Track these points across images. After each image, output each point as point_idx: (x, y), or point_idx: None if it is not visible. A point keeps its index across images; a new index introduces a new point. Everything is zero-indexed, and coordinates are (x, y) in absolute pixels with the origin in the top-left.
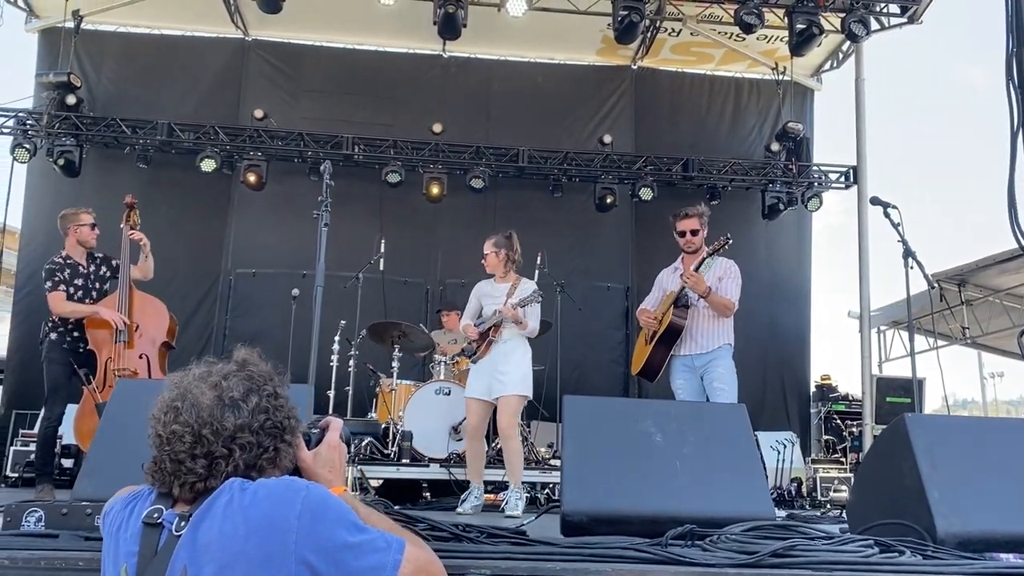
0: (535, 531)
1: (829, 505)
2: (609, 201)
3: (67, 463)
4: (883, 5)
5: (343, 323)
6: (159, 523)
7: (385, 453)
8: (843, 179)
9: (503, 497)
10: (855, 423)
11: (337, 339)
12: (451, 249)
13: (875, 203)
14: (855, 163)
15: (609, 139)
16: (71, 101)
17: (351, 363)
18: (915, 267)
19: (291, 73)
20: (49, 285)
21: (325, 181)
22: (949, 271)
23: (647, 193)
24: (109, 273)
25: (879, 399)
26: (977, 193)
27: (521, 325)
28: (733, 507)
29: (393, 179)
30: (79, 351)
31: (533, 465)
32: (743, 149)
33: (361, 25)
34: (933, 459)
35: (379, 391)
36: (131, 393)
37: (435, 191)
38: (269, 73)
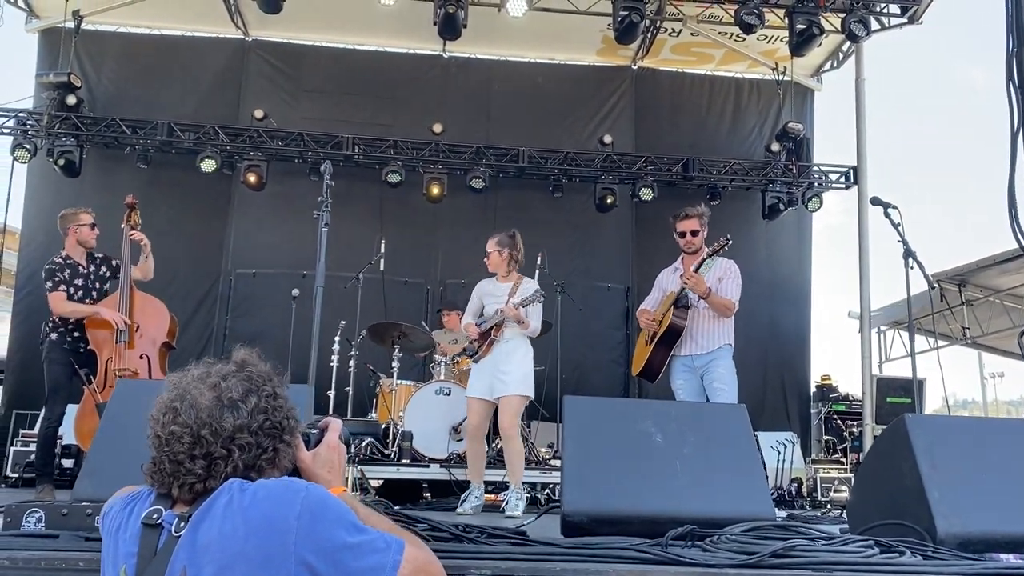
0: (535, 531)
1: (829, 505)
2: (609, 201)
3: (67, 463)
4: (883, 5)
5: (343, 323)
6: (158, 524)
7: (385, 453)
8: (843, 179)
9: (503, 497)
10: (855, 423)
11: (337, 339)
12: (451, 249)
13: (875, 203)
14: (855, 163)
15: (609, 139)
16: (71, 101)
17: (351, 363)
18: (915, 267)
19: (291, 73)
20: (49, 285)
21: (325, 181)
22: (949, 271)
23: (647, 193)
24: (109, 273)
25: (879, 399)
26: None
27: (523, 325)
28: (733, 507)
29: (393, 179)
30: (80, 351)
31: (533, 465)
32: (743, 149)
33: (361, 25)
34: (933, 459)
35: (379, 391)
36: (131, 393)
37: (435, 191)
38: (269, 73)
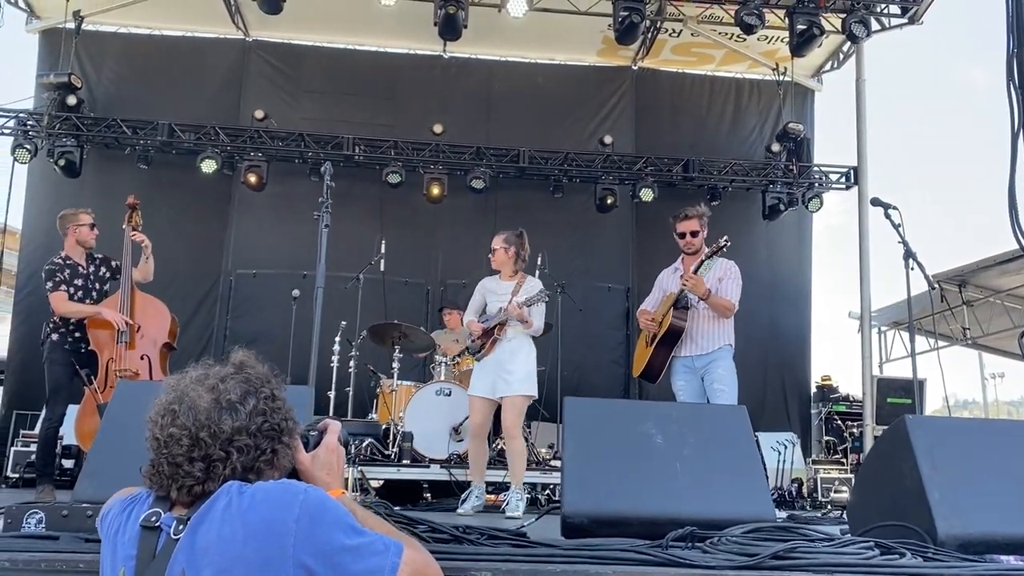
0: (536, 532)
1: (830, 506)
2: (610, 202)
3: (68, 464)
4: (884, 6)
5: (344, 324)
6: (157, 526)
7: (386, 454)
8: (844, 180)
9: (504, 498)
10: (856, 424)
11: (338, 340)
12: (452, 250)
13: (876, 204)
14: (856, 164)
15: (610, 140)
16: (72, 102)
17: (352, 364)
18: (916, 268)
19: (292, 74)
20: (50, 285)
21: (326, 182)
22: (950, 272)
23: (648, 194)
24: (109, 274)
25: (880, 400)
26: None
27: (526, 324)
28: (733, 509)
29: (394, 180)
30: (80, 352)
31: (534, 466)
32: (743, 150)
33: (362, 26)
34: (934, 461)
35: (380, 392)
36: (132, 394)
37: (436, 192)
38: (270, 74)
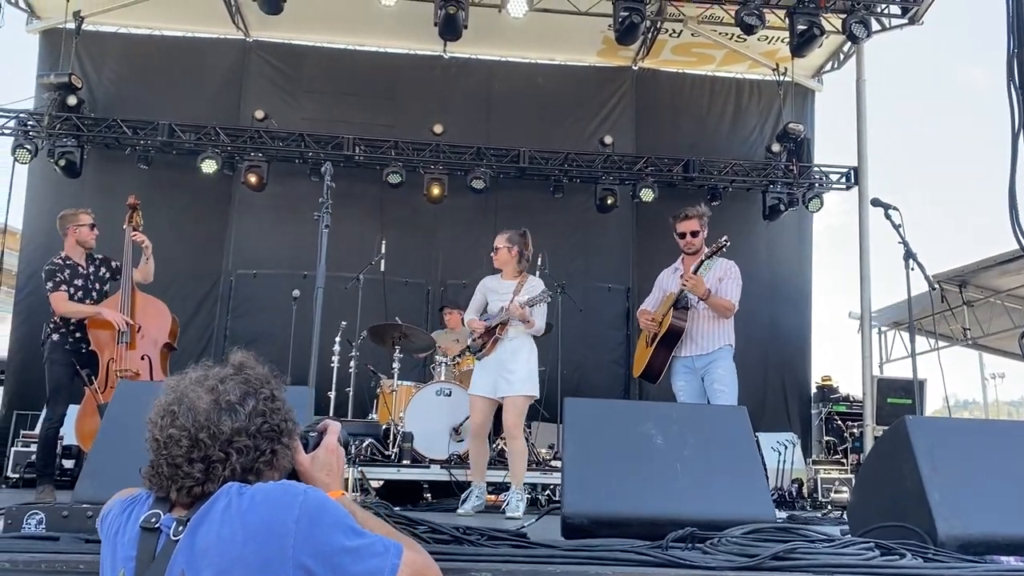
0: (536, 533)
1: (830, 506)
2: (610, 202)
3: (68, 464)
4: (884, 6)
5: (344, 324)
6: (156, 528)
7: (386, 454)
8: (844, 180)
9: (504, 498)
10: (856, 424)
11: (338, 340)
12: (452, 250)
13: (876, 204)
14: (856, 164)
15: (610, 140)
16: (72, 102)
17: (352, 364)
18: (916, 268)
19: (292, 74)
20: (50, 285)
21: (326, 183)
22: (950, 272)
23: (648, 194)
24: (108, 274)
25: (880, 400)
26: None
27: (528, 324)
28: (734, 509)
29: (394, 180)
30: (81, 352)
31: (534, 466)
32: (744, 150)
33: (362, 26)
34: (934, 461)
35: (380, 392)
36: (132, 395)
37: (436, 192)
38: (270, 74)
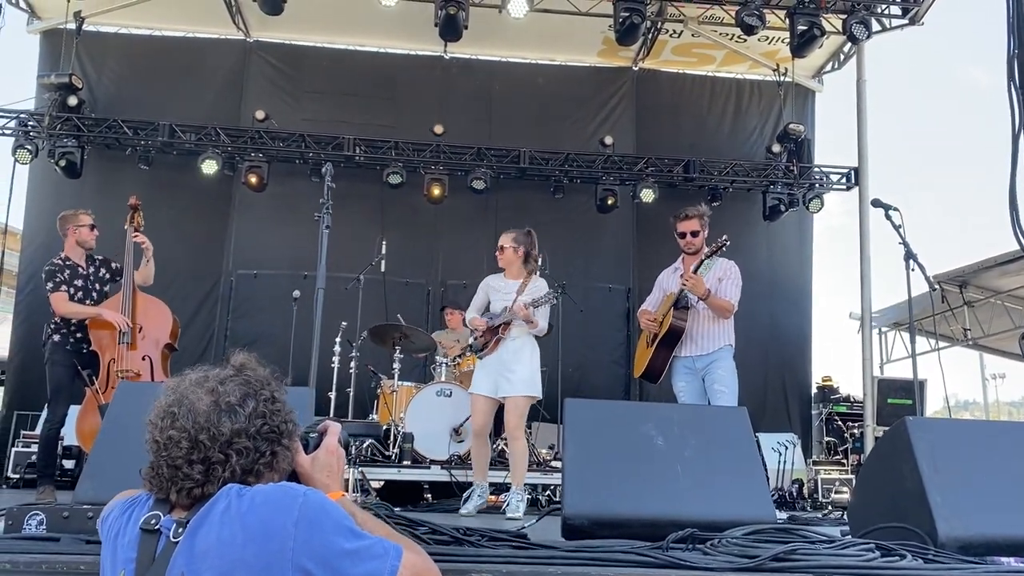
0: (536, 534)
1: (830, 507)
2: (610, 202)
3: (68, 464)
4: (884, 6)
5: (344, 324)
6: (156, 529)
7: (386, 455)
8: (844, 180)
9: (504, 499)
10: (856, 425)
11: (338, 341)
12: (452, 250)
13: (876, 205)
14: (856, 164)
15: (610, 140)
16: (72, 102)
17: (352, 365)
18: (916, 269)
19: (292, 74)
20: (51, 286)
21: (326, 183)
22: (950, 272)
23: (648, 194)
24: (108, 275)
25: (880, 400)
26: (979, 194)
27: (531, 324)
28: (734, 510)
29: (394, 180)
30: (82, 352)
31: (534, 467)
32: (744, 150)
33: (362, 26)
34: (934, 462)
35: (380, 393)
36: (133, 395)
37: (436, 192)
38: (270, 74)
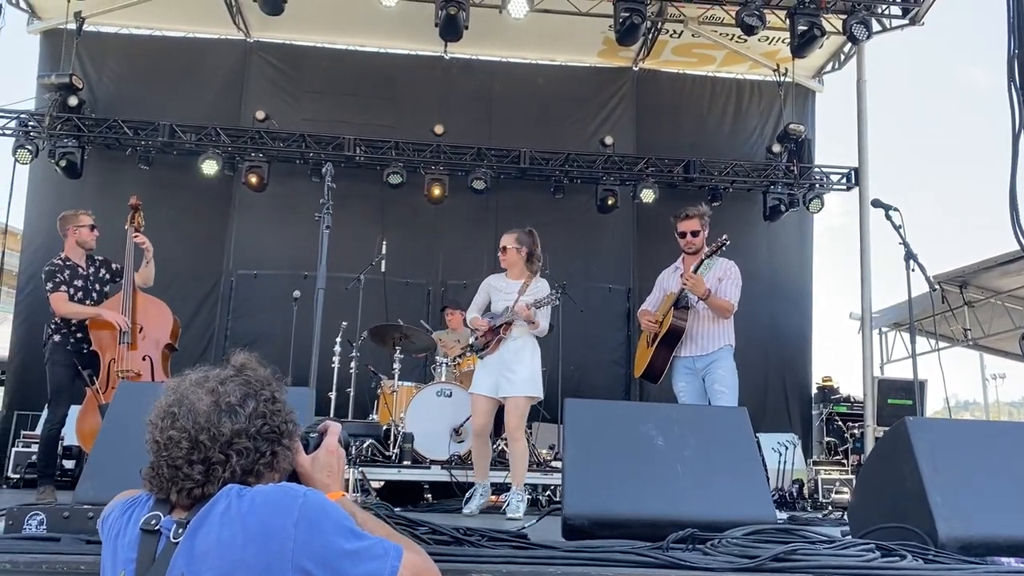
0: (536, 534)
1: (831, 507)
2: (610, 202)
3: (68, 464)
4: (884, 7)
5: (344, 325)
6: (157, 530)
7: (386, 455)
8: (844, 180)
9: (504, 499)
10: (857, 425)
11: (338, 341)
12: (452, 250)
13: (876, 205)
14: (856, 164)
15: (610, 140)
16: (73, 102)
17: (352, 365)
18: (916, 269)
19: (293, 74)
20: (50, 286)
21: (327, 183)
22: (950, 273)
23: (648, 195)
24: (109, 276)
25: (881, 401)
26: (978, 194)
27: (533, 325)
28: (734, 510)
29: (395, 180)
30: (83, 352)
31: (534, 467)
32: (744, 150)
33: (363, 26)
34: (935, 462)
35: (380, 393)
36: (133, 395)
37: (437, 192)
38: (271, 74)
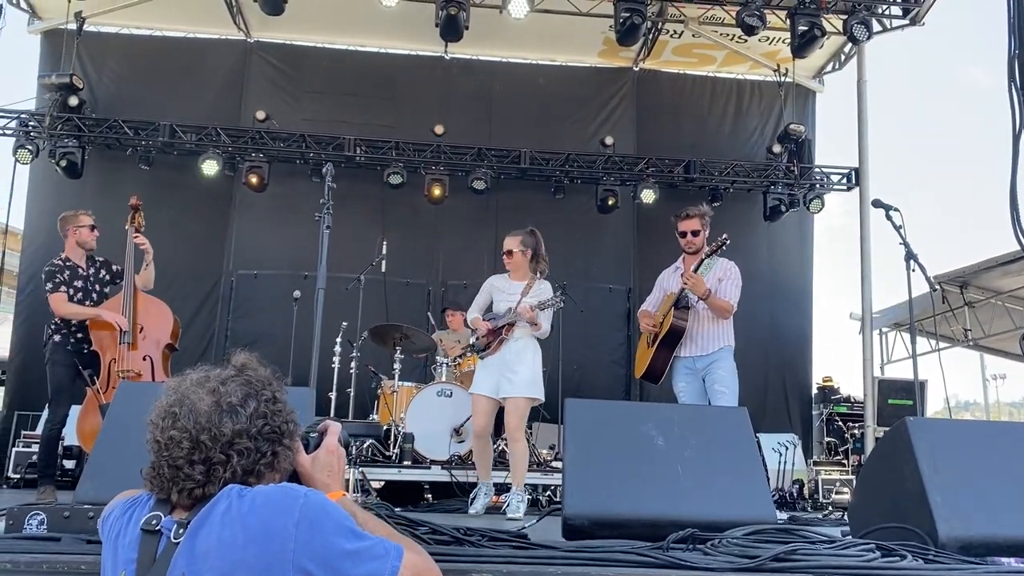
0: (536, 534)
1: (831, 507)
2: (611, 203)
3: (69, 464)
4: (885, 7)
5: (345, 325)
6: (157, 530)
7: (387, 455)
8: (845, 181)
9: (504, 499)
10: (857, 425)
11: (339, 341)
12: (453, 250)
13: (877, 206)
14: (857, 165)
15: (611, 141)
16: (73, 103)
17: (353, 365)
18: (917, 269)
19: (293, 74)
20: (50, 287)
21: (327, 183)
22: (951, 273)
23: (649, 195)
24: (109, 277)
25: (881, 401)
26: (978, 194)
27: (535, 326)
28: (735, 511)
29: (395, 180)
30: (83, 352)
31: (534, 467)
32: (745, 151)
33: (363, 27)
34: (935, 463)
35: (381, 393)
36: (134, 395)
37: (437, 192)
38: (271, 74)
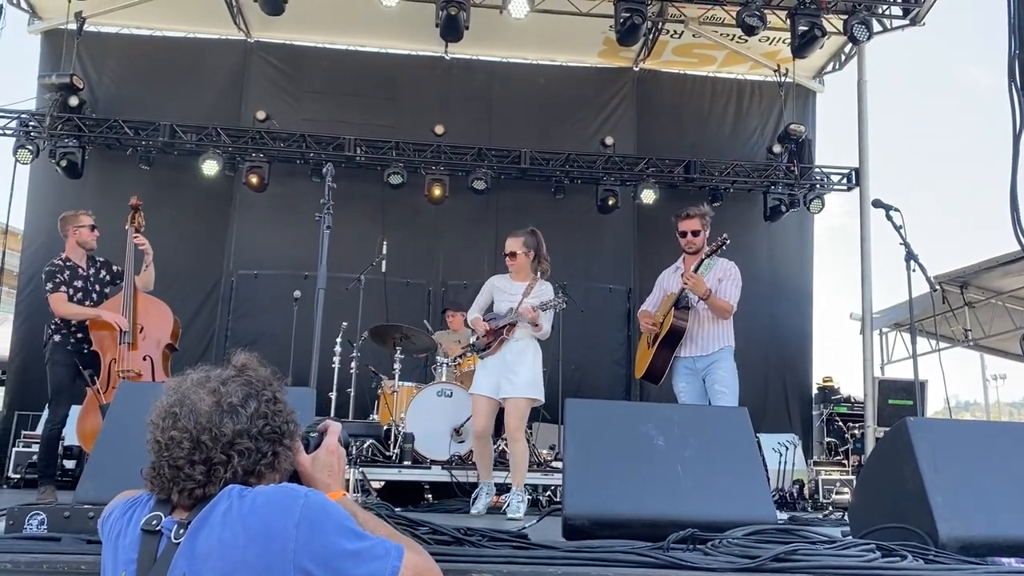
0: (537, 534)
1: (831, 508)
2: (611, 203)
3: (69, 464)
4: (885, 7)
5: (345, 325)
6: (157, 530)
7: (387, 455)
8: (845, 181)
9: (505, 499)
10: (857, 425)
11: (339, 341)
12: (453, 250)
13: (877, 206)
14: (857, 165)
15: (611, 141)
16: (74, 103)
17: (353, 365)
18: (917, 269)
19: (293, 75)
20: (50, 287)
21: (327, 183)
22: (951, 273)
23: (649, 195)
24: (109, 278)
25: (881, 401)
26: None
27: (536, 327)
28: (735, 511)
29: (395, 181)
30: (83, 352)
31: (535, 467)
32: (745, 151)
33: (363, 27)
34: (935, 463)
35: (381, 393)
36: (134, 395)
37: (437, 192)
38: (271, 75)
